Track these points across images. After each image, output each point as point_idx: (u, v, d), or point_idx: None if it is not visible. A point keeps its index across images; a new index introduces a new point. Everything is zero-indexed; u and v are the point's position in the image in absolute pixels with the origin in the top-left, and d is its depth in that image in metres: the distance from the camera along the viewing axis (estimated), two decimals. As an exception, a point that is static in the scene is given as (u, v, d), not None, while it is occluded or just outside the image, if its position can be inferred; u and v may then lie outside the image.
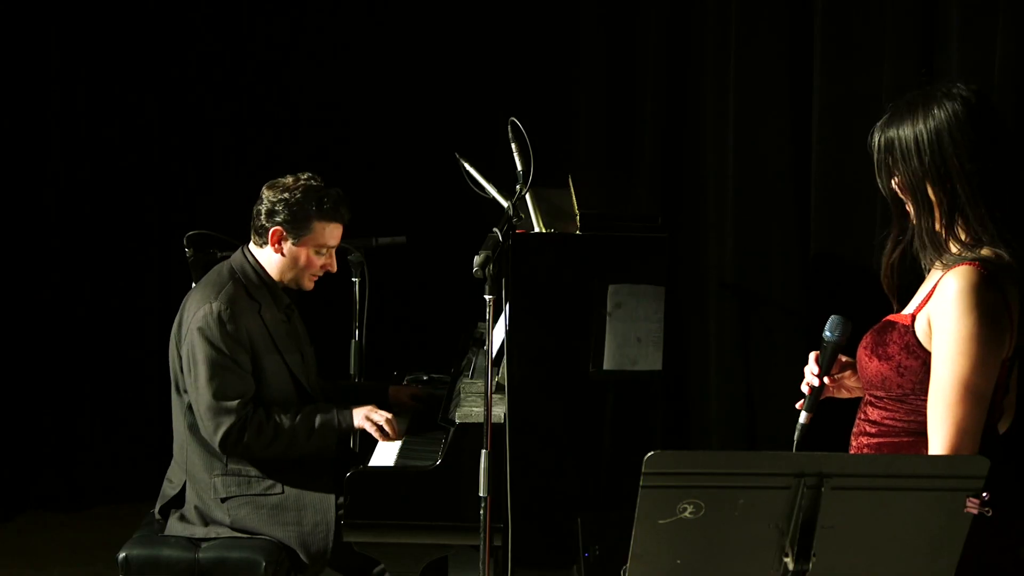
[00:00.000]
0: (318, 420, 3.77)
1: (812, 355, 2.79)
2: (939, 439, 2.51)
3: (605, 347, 3.62)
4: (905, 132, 2.60)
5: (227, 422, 3.67)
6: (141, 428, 5.73)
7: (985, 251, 2.55)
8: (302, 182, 3.84)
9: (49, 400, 5.72)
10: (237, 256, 3.89)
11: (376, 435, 3.83)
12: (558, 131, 5.35)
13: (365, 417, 3.82)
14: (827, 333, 2.75)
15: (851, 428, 2.75)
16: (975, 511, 2.29)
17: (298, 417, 3.75)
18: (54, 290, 5.68)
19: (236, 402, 3.68)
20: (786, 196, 4.86)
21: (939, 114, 2.57)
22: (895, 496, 2.30)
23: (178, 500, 3.85)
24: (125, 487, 5.71)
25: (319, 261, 3.88)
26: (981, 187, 2.55)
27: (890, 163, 2.63)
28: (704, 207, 5.10)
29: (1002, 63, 4.15)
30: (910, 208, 2.64)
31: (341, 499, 3.65)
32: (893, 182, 2.64)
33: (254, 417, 3.70)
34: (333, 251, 3.91)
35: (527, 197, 3.81)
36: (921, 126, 2.58)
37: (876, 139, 2.66)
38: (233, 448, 3.70)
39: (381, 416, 3.83)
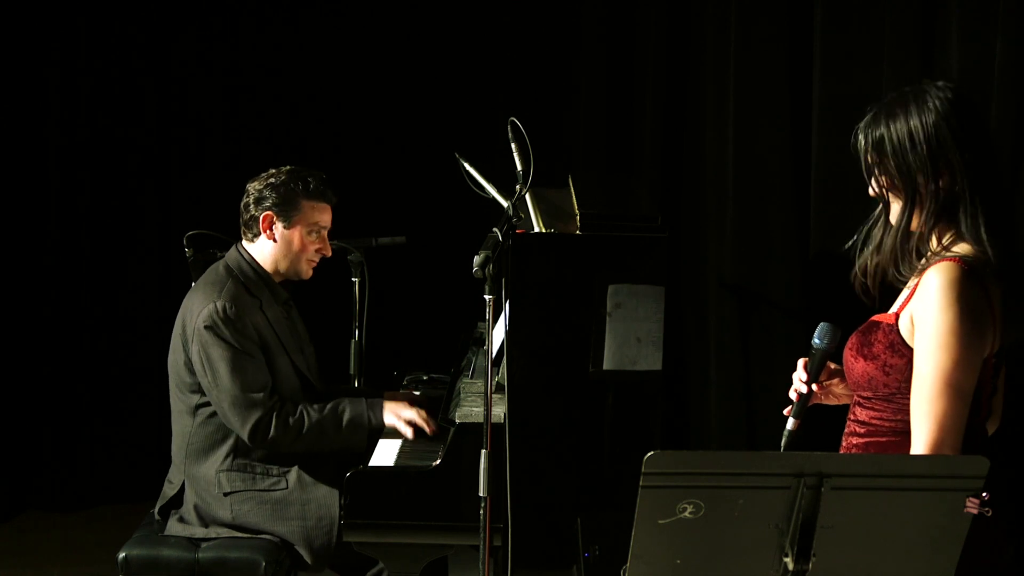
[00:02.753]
0: (347, 415, 3.76)
1: (800, 362, 2.79)
2: (920, 435, 2.50)
3: (605, 347, 3.62)
4: (898, 126, 2.58)
5: (256, 414, 3.67)
6: (141, 428, 5.73)
7: (967, 248, 2.55)
8: (285, 169, 3.88)
9: (49, 400, 5.72)
10: (232, 254, 3.89)
11: (408, 433, 3.82)
12: (558, 131, 5.35)
13: (396, 415, 3.82)
14: (816, 340, 2.74)
15: (843, 427, 2.75)
16: (975, 511, 2.29)
17: (326, 410, 3.75)
18: (53, 290, 5.68)
19: (261, 394, 3.68)
20: (786, 196, 4.86)
21: (934, 105, 2.56)
22: (895, 496, 2.30)
23: (177, 501, 3.84)
24: (125, 487, 5.72)
25: (313, 244, 3.88)
26: (976, 179, 2.54)
27: (880, 160, 2.61)
28: (704, 207, 5.09)
29: (1002, 63, 4.15)
30: (894, 209, 2.62)
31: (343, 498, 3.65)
32: (882, 181, 2.62)
33: (283, 410, 3.70)
34: (325, 234, 3.91)
35: (527, 197, 3.81)
36: (916, 118, 2.56)
37: (862, 139, 2.64)
38: (263, 440, 3.68)
39: (413, 412, 3.82)
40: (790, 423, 2.75)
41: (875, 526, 2.32)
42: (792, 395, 2.78)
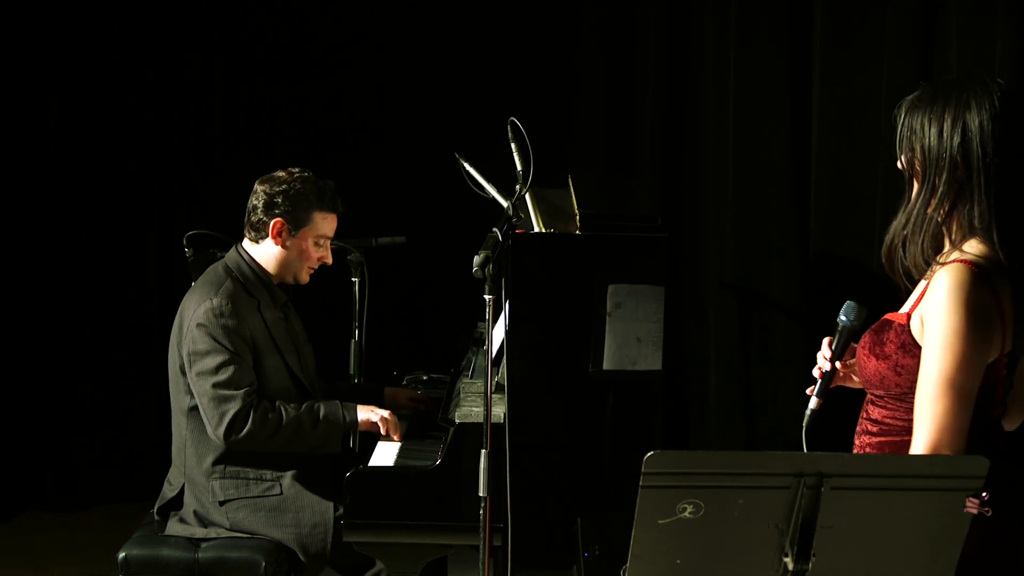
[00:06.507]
0: (322, 412, 3.76)
1: (825, 340, 2.78)
2: (920, 435, 2.51)
3: (605, 347, 3.62)
4: (935, 112, 2.58)
5: (231, 410, 3.66)
6: (141, 428, 5.73)
7: (981, 248, 2.55)
8: (297, 175, 3.86)
9: (49, 400, 5.71)
10: (232, 255, 3.89)
11: (381, 428, 3.82)
12: (558, 131, 5.35)
13: (370, 410, 3.82)
14: (842, 317, 2.73)
15: (855, 424, 2.74)
16: (975, 511, 2.29)
17: (302, 408, 3.74)
18: (54, 290, 5.68)
19: (241, 391, 3.67)
20: (786, 196, 4.87)
21: (973, 102, 2.56)
22: (895, 496, 2.30)
23: (176, 502, 3.84)
24: (125, 487, 5.71)
25: (317, 253, 3.89)
26: (996, 181, 2.54)
27: (911, 140, 2.60)
28: (704, 207, 5.10)
29: (1002, 63, 4.15)
30: (915, 189, 2.62)
31: (341, 500, 3.65)
32: (907, 159, 2.62)
33: (259, 406, 3.69)
34: (328, 243, 3.92)
35: (527, 197, 3.81)
36: (953, 109, 2.56)
37: (904, 111, 2.63)
38: (239, 433, 3.66)
39: (387, 412, 3.83)
40: (813, 402, 2.74)
41: (875, 526, 2.32)
42: (815, 373, 2.77)
